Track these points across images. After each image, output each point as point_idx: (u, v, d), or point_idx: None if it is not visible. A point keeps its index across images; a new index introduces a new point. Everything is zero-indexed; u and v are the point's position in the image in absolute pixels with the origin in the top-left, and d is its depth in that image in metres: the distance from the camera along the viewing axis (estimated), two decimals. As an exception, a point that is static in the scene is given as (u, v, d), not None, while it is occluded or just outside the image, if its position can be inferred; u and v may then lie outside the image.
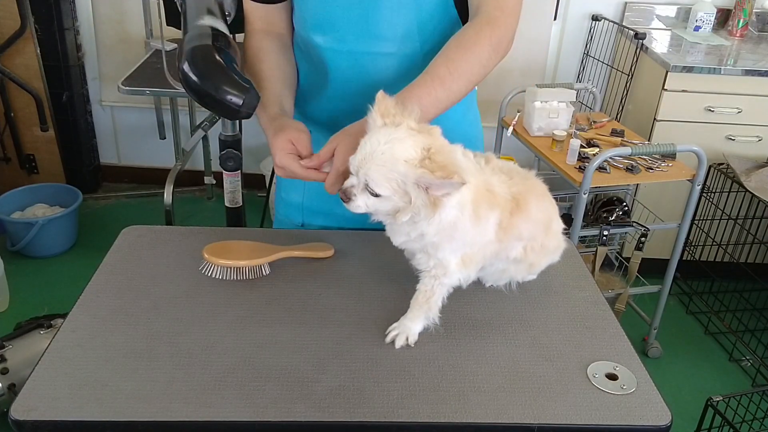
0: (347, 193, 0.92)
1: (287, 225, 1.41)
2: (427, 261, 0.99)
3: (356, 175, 0.91)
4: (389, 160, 0.87)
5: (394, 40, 1.18)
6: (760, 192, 2.53)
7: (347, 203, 0.93)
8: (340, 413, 0.85)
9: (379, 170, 0.88)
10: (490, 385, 0.91)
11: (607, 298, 1.50)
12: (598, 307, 1.09)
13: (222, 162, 1.89)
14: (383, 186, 0.88)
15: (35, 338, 2.14)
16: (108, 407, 0.84)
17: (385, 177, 0.88)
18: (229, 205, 1.96)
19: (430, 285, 0.99)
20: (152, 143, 3.44)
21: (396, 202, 0.90)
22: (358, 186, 0.91)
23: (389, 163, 0.87)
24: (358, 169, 0.90)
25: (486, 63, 1.08)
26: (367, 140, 0.90)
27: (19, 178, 3.23)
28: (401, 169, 0.87)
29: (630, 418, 0.87)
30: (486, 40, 1.08)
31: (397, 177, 0.87)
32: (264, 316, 1.02)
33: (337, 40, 1.20)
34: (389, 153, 0.87)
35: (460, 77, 1.06)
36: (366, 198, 0.91)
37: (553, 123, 2.48)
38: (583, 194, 2.19)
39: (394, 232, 0.98)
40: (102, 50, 3.27)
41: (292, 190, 1.38)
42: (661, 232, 2.66)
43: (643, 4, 3.11)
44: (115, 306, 1.03)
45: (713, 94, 2.69)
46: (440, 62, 1.06)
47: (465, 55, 1.07)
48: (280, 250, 1.13)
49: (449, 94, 1.06)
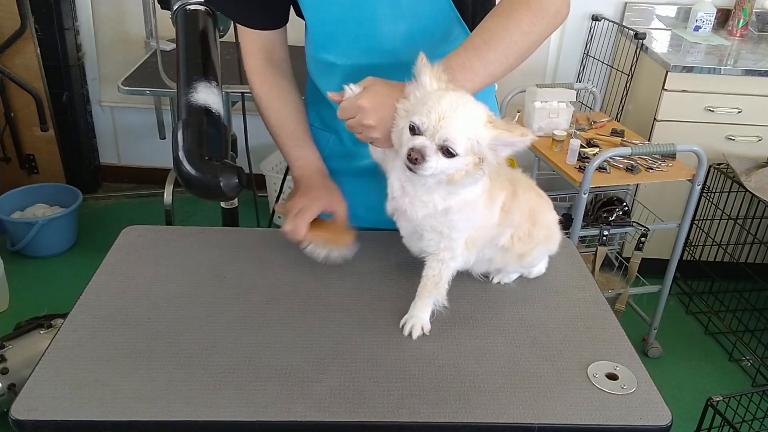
0: (422, 152, 0.88)
1: None
2: (438, 243, 1.00)
3: (430, 136, 0.89)
4: (470, 120, 0.88)
5: (394, 51, 1.17)
6: (760, 192, 2.53)
7: (419, 165, 0.89)
8: (340, 413, 0.85)
9: (461, 130, 0.88)
10: (490, 385, 0.91)
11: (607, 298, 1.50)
12: (598, 307, 1.09)
13: None
14: (462, 144, 0.88)
15: (35, 338, 2.14)
16: (108, 407, 0.84)
17: (465, 137, 0.88)
18: (224, 205, 1.96)
19: (438, 269, 1.01)
20: (152, 143, 3.44)
21: (464, 163, 0.90)
22: (430, 147, 0.89)
23: (470, 124, 0.88)
24: (434, 130, 0.88)
25: (528, 29, 1.02)
26: (439, 100, 0.89)
27: (19, 178, 3.23)
28: (482, 130, 0.88)
29: (630, 418, 0.87)
30: (523, 5, 1.02)
31: (474, 137, 0.89)
32: (264, 316, 1.02)
33: (341, 56, 1.20)
34: (469, 114, 0.89)
35: (497, 45, 1.00)
36: (438, 160, 0.89)
37: (553, 123, 2.48)
38: (583, 194, 2.19)
39: (418, 206, 0.98)
40: (102, 50, 3.27)
41: None
42: (661, 232, 2.65)
43: (643, 4, 3.11)
44: (115, 306, 1.03)
45: (713, 94, 2.69)
46: (475, 33, 1.03)
47: (500, 22, 1.02)
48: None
49: (486, 65, 1.00)
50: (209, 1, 1.37)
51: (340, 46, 1.20)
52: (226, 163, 1.10)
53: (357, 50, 1.19)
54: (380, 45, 1.18)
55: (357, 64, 1.20)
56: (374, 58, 1.19)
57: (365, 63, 1.20)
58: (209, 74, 1.23)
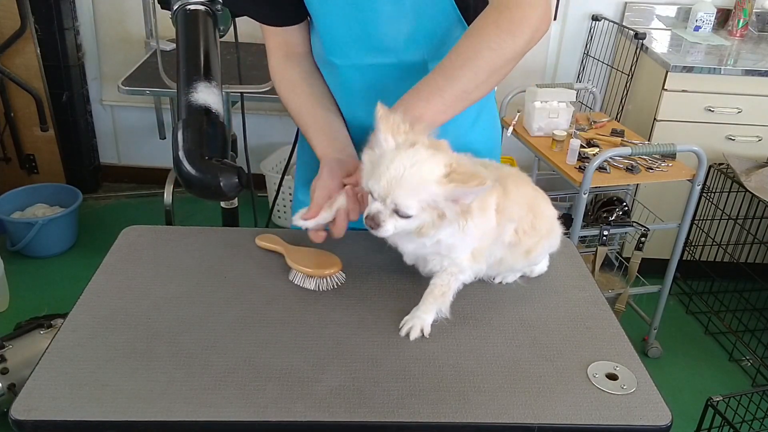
0: (376, 219, 0.91)
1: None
2: (441, 262, 1.00)
3: (382, 201, 0.90)
4: (419, 182, 0.88)
5: (396, 51, 1.18)
6: (760, 192, 2.53)
7: (376, 229, 0.92)
8: (340, 413, 0.85)
9: (410, 193, 0.88)
10: (490, 385, 0.91)
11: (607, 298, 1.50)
12: (598, 307, 1.09)
13: None
14: (414, 207, 0.89)
15: (35, 338, 2.14)
16: (108, 407, 0.84)
17: (416, 199, 0.88)
18: (224, 205, 1.96)
19: (447, 280, 1.00)
20: (152, 143, 3.44)
21: (424, 219, 0.91)
22: (385, 211, 0.91)
23: (420, 185, 0.88)
24: (384, 195, 0.89)
25: (497, 47, 1.01)
26: (389, 164, 0.89)
27: (19, 178, 3.23)
28: (433, 189, 0.88)
29: (630, 418, 0.87)
30: (491, 23, 1.02)
31: (428, 197, 0.88)
32: (264, 316, 1.02)
33: (344, 56, 1.20)
34: (418, 176, 0.88)
35: (463, 64, 1.00)
36: (395, 221, 0.91)
37: (553, 123, 2.48)
38: (583, 194, 2.19)
39: (406, 241, 0.98)
40: (102, 50, 3.27)
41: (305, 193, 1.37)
42: (661, 232, 2.65)
43: (643, 4, 3.11)
44: (115, 306, 1.02)
45: (713, 94, 2.69)
46: (446, 56, 1.04)
47: (467, 41, 1.02)
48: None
49: (454, 84, 1.01)
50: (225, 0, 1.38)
51: (342, 45, 1.20)
52: (226, 163, 1.10)
53: (356, 49, 1.19)
54: (380, 44, 1.18)
55: (358, 64, 1.20)
56: (373, 58, 1.19)
57: (365, 63, 1.20)
58: (209, 74, 1.23)
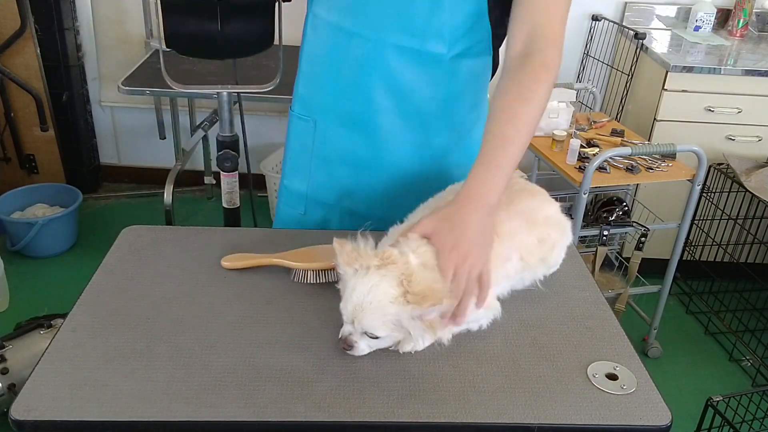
0: (348, 341, 0.94)
1: (288, 214, 1.40)
2: None
3: (351, 324, 0.93)
4: (378, 307, 0.90)
5: (423, 37, 1.17)
6: (760, 192, 2.53)
7: (349, 350, 0.95)
8: (340, 413, 0.85)
9: (373, 317, 0.91)
10: (490, 385, 0.91)
11: (607, 298, 1.50)
12: (598, 307, 1.09)
13: (219, 162, 1.89)
14: (381, 329, 0.92)
15: (35, 338, 2.14)
16: (108, 407, 0.84)
17: (380, 322, 0.91)
18: (226, 205, 1.96)
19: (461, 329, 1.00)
20: (152, 143, 3.44)
21: (395, 336, 0.94)
22: (356, 333, 0.94)
23: (379, 309, 0.90)
24: (352, 318, 0.93)
25: (545, 105, 1.09)
26: (351, 291, 0.93)
27: (19, 178, 3.23)
28: (392, 310, 0.90)
29: (630, 418, 0.87)
30: (545, 86, 1.08)
31: (391, 318, 0.91)
32: (264, 316, 1.02)
33: (365, 27, 1.18)
34: (375, 301, 0.91)
35: (526, 130, 1.06)
36: (367, 341, 0.94)
37: (553, 123, 2.48)
38: (583, 194, 2.19)
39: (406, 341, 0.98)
40: (102, 50, 3.27)
41: (296, 179, 1.37)
42: (661, 232, 2.65)
43: (643, 4, 3.11)
44: (115, 306, 1.03)
45: (713, 94, 2.69)
46: (503, 120, 1.05)
47: (527, 108, 1.06)
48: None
49: (521, 149, 1.06)
50: None
51: (368, 16, 1.17)
52: None
53: (384, 25, 1.17)
54: (410, 26, 1.17)
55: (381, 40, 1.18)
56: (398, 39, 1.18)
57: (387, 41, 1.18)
58: None
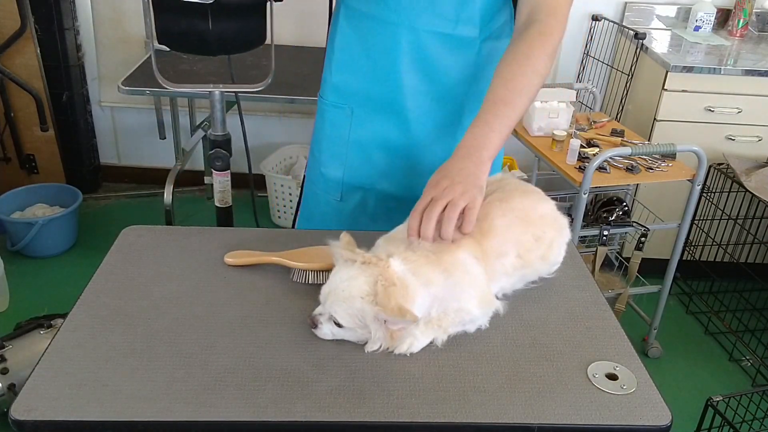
0: (314, 320, 0.96)
1: (323, 201, 1.42)
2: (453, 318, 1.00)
3: (323, 305, 0.95)
4: (348, 297, 0.92)
5: (456, 21, 1.20)
6: (760, 192, 2.53)
7: (314, 329, 0.96)
8: (340, 413, 0.85)
9: (340, 305, 0.93)
10: (490, 385, 0.91)
11: (607, 298, 1.50)
12: (598, 307, 1.09)
13: (210, 162, 1.89)
14: (346, 319, 0.93)
15: (35, 338, 2.14)
16: (108, 407, 0.84)
17: (346, 312, 0.92)
18: (219, 204, 1.95)
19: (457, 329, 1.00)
20: (152, 143, 3.44)
21: (359, 334, 0.95)
22: (324, 315, 0.95)
23: (348, 300, 0.92)
24: (324, 300, 0.95)
25: (543, 72, 1.10)
26: (333, 275, 0.95)
27: (19, 178, 3.23)
28: (358, 305, 0.91)
29: (630, 418, 0.87)
30: (540, 51, 1.10)
31: (357, 312, 0.92)
32: (264, 316, 1.02)
33: (397, 13, 1.21)
34: (348, 291, 0.92)
35: (521, 93, 1.08)
36: (332, 327, 0.95)
37: (553, 123, 2.48)
38: (583, 194, 2.19)
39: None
40: (102, 50, 3.27)
41: (332, 166, 1.39)
42: (661, 232, 2.65)
43: (643, 4, 3.11)
44: (115, 306, 1.03)
45: (713, 94, 2.69)
46: (498, 84, 1.08)
47: (521, 70, 1.09)
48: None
49: (517, 111, 1.07)
50: None
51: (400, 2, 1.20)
52: None
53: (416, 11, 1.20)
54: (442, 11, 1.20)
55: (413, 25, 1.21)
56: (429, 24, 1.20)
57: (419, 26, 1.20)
58: None
